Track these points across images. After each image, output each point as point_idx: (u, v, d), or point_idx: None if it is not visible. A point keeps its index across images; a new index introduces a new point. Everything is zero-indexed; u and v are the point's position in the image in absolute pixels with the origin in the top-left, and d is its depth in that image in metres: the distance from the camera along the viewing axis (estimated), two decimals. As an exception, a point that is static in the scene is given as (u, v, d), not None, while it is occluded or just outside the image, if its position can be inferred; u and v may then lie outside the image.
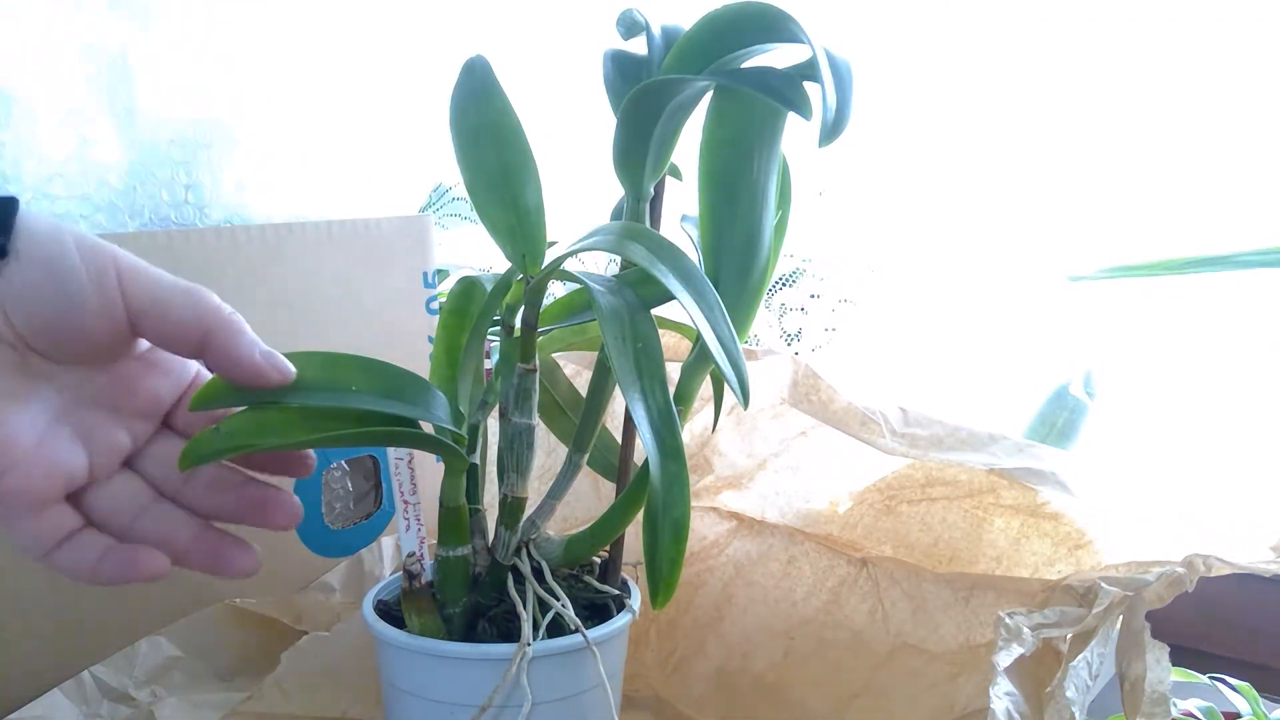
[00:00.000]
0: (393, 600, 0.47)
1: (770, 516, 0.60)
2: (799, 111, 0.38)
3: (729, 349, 0.37)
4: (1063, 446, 0.66)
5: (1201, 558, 0.45)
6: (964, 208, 0.80)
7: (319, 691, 0.55)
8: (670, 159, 0.45)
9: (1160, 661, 0.43)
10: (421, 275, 0.67)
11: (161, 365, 0.38)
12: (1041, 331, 0.77)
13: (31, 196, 0.58)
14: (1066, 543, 0.52)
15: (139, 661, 0.55)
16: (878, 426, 0.51)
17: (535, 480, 0.45)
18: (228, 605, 0.58)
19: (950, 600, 0.54)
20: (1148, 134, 0.72)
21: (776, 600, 0.59)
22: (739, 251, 0.43)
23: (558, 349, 0.53)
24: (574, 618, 0.43)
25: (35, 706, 0.52)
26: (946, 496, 0.55)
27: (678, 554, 0.37)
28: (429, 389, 0.42)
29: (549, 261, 0.41)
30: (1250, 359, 0.69)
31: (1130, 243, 0.73)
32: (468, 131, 0.42)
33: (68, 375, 0.36)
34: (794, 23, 0.38)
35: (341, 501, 0.69)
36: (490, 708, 0.41)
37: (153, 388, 0.38)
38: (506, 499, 0.45)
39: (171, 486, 0.38)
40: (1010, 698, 0.42)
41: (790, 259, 0.84)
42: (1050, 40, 0.74)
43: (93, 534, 0.36)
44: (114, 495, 0.37)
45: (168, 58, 0.64)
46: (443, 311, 0.49)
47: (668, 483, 0.36)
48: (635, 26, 0.44)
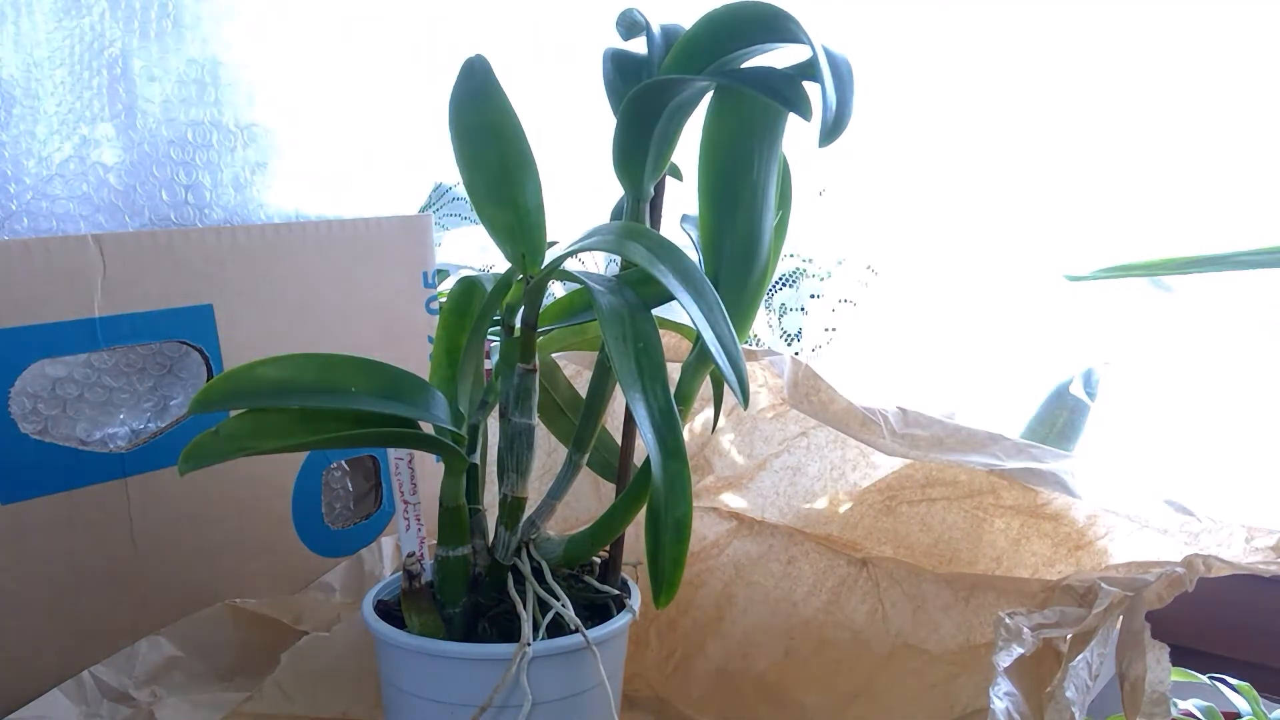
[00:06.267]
0: (393, 600, 0.47)
1: (770, 517, 0.60)
2: (799, 112, 0.38)
3: (729, 349, 0.37)
4: (1063, 446, 0.66)
5: (1201, 558, 0.45)
6: (964, 208, 0.80)
7: (319, 691, 0.55)
8: (670, 159, 0.45)
9: (1160, 661, 0.43)
10: (421, 275, 0.67)
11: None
12: (1041, 331, 0.77)
13: (31, 197, 0.58)
14: (1066, 543, 0.52)
15: (139, 661, 0.55)
16: (878, 427, 0.51)
17: (535, 480, 0.45)
18: (228, 605, 0.58)
19: (950, 600, 0.54)
20: (1147, 133, 0.72)
21: (777, 600, 0.59)
22: (739, 251, 0.43)
23: (558, 349, 0.53)
24: (574, 618, 0.43)
25: (35, 706, 0.52)
26: (946, 497, 0.55)
27: (680, 554, 0.37)
28: (428, 389, 0.42)
29: (549, 261, 0.41)
30: (1250, 359, 0.69)
31: (1130, 243, 0.73)
32: (468, 131, 0.42)
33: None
34: (794, 22, 0.38)
35: (341, 501, 0.69)
36: (490, 708, 0.41)
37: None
38: (506, 499, 0.45)
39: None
40: (1010, 698, 0.42)
41: (790, 259, 0.84)
42: (1050, 40, 0.74)
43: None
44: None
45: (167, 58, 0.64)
46: (443, 311, 0.49)
47: (669, 482, 0.36)
48: (635, 26, 0.44)
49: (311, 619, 0.59)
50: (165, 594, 0.58)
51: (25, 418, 0.56)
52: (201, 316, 0.58)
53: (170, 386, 0.62)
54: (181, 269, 0.57)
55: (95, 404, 0.59)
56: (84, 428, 0.58)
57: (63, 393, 0.58)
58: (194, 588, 0.58)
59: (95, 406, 0.59)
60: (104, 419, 0.59)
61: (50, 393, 0.57)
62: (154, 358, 0.61)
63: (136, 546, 0.56)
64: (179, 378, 0.62)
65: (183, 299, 0.57)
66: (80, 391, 0.58)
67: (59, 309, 0.53)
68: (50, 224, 0.59)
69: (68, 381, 0.58)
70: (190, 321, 0.57)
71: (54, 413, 0.57)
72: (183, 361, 0.62)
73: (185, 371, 0.62)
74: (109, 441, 0.59)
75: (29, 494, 0.53)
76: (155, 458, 0.57)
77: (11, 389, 0.52)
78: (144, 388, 0.61)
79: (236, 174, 0.68)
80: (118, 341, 0.55)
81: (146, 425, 0.61)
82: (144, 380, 0.61)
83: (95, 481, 0.55)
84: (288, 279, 0.61)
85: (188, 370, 0.62)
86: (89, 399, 0.59)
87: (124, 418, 0.60)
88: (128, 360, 0.60)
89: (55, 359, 0.56)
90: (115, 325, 0.55)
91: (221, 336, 0.58)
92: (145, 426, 0.61)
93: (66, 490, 0.54)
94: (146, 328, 0.56)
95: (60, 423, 0.58)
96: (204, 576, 0.59)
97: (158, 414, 0.62)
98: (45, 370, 0.57)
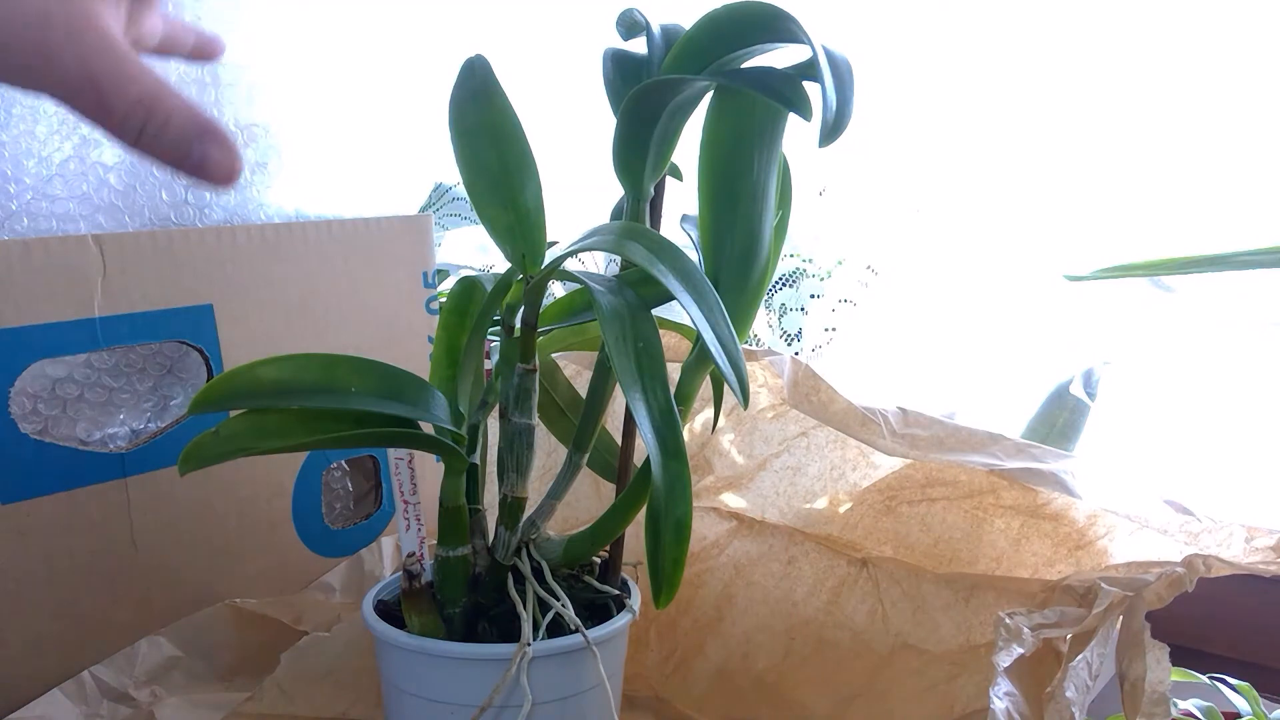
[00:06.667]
0: (393, 600, 0.47)
1: (770, 517, 0.60)
2: (799, 112, 0.38)
3: (729, 349, 0.37)
4: (1063, 446, 0.66)
5: (1201, 558, 0.45)
6: (964, 208, 0.80)
7: (319, 691, 0.55)
8: (670, 159, 0.45)
9: (1160, 661, 0.43)
10: (421, 275, 0.67)
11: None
12: (1041, 331, 0.77)
13: (31, 197, 0.58)
14: (1066, 543, 0.52)
15: (139, 661, 0.55)
16: (878, 427, 0.51)
17: (535, 480, 0.45)
18: (228, 605, 0.58)
19: (950, 600, 0.54)
20: (1147, 133, 0.72)
21: (777, 600, 0.59)
22: (739, 251, 0.43)
23: (558, 349, 0.53)
24: (574, 618, 0.43)
25: (35, 706, 0.52)
26: (946, 497, 0.55)
27: (680, 553, 0.37)
28: (428, 389, 0.42)
29: (549, 261, 0.41)
30: (1250, 359, 0.69)
31: (1130, 243, 0.73)
32: (468, 131, 0.42)
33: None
34: (794, 22, 0.38)
35: (341, 501, 0.69)
36: (490, 708, 0.41)
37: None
38: (506, 499, 0.45)
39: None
40: (1010, 698, 0.42)
41: (790, 259, 0.84)
42: (1050, 40, 0.74)
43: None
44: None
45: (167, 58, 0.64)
46: (443, 311, 0.49)
47: (670, 482, 0.36)
48: (635, 26, 0.44)
49: (311, 619, 0.59)
50: (165, 594, 0.58)
51: (25, 418, 0.56)
52: (201, 316, 0.58)
53: (170, 386, 0.62)
54: (181, 269, 0.57)
55: (95, 404, 0.59)
56: (84, 428, 0.58)
57: (63, 393, 0.58)
58: (194, 588, 0.58)
59: (95, 406, 0.59)
60: (104, 419, 0.59)
61: (50, 393, 0.57)
62: (154, 358, 0.61)
63: (136, 546, 0.56)
64: (179, 378, 0.62)
65: (183, 299, 0.57)
66: (80, 391, 0.58)
67: (59, 309, 0.53)
68: (50, 224, 0.59)
69: (68, 381, 0.58)
70: (190, 321, 0.57)
71: (54, 413, 0.57)
72: (183, 361, 0.62)
73: (185, 371, 0.62)
74: (109, 441, 0.59)
75: (29, 494, 0.53)
76: (155, 458, 0.57)
77: (11, 389, 0.52)
78: (144, 388, 0.61)
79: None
80: (118, 341, 0.55)
81: (146, 425, 0.61)
82: (144, 380, 0.61)
83: (95, 481, 0.55)
84: (288, 279, 0.61)
85: (188, 370, 0.62)
86: (89, 399, 0.59)
87: (124, 418, 0.60)
88: (128, 360, 0.60)
89: (55, 359, 0.56)
90: (115, 325, 0.55)
91: (221, 336, 0.58)
92: (145, 426, 0.61)
93: (66, 490, 0.54)
94: (146, 328, 0.56)
95: (60, 423, 0.57)
96: (204, 576, 0.59)
97: (158, 414, 0.62)
98: (45, 370, 0.57)
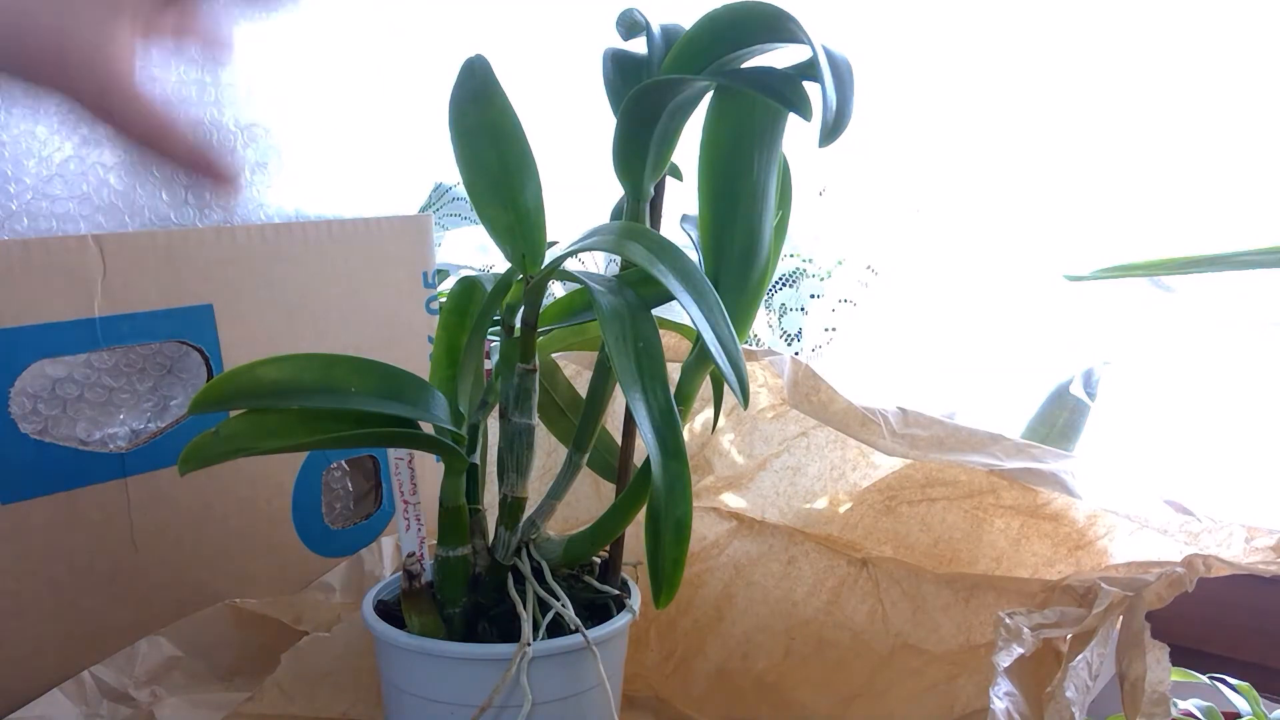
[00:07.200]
0: (393, 600, 0.47)
1: (770, 516, 0.60)
2: (799, 112, 0.38)
3: (729, 349, 0.37)
4: (1063, 446, 0.66)
5: (1201, 558, 0.45)
6: (964, 208, 0.80)
7: (319, 692, 0.55)
8: (670, 159, 0.45)
9: (1160, 661, 0.43)
10: (421, 275, 0.67)
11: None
12: (1041, 331, 0.77)
13: (31, 197, 0.58)
14: (1066, 543, 0.52)
15: (139, 661, 0.55)
16: (878, 427, 0.51)
17: (535, 480, 0.45)
18: (228, 605, 0.58)
19: (950, 600, 0.54)
20: (1147, 134, 0.72)
21: (777, 600, 0.59)
22: (739, 251, 0.43)
23: (558, 349, 0.53)
24: (574, 618, 0.43)
25: (35, 706, 0.52)
26: (946, 497, 0.55)
27: (680, 553, 0.37)
28: (428, 389, 0.42)
29: (549, 261, 0.41)
30: (1250, 359, 0.69)
31: (1130, 243, 0.73)
32: (468, 131, 0.42)
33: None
34: (794, 22, 0.38)
35: (341, 501, 0.69)
36: (490, 708, 0.41)
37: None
38: (506, 499, 0.45)
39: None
40: (1010, 698, 0.42)
41: (790, 259, 0.84)
42: (1050, 40, 0.74)
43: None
44: None
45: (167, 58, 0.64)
46: (443, 311, 0.49)
47: (670, 482, 0.36)
48: (635, 26, 0.44)
49: (311, 619, 0.59)
50: (165, 594, 0.57)
51: (25, 418, 0.56)
52: (201, 316, 0.58)
53: (170, 386, 0.62)
54: (181, 269, 0.57)
55: (95, 404, 0.59)
56: (84, 428, 0.58)
57: (63, 393, 0.58)
58: (194, 588, 0.58)
59: (95, 406, 0.59)
60: (104, 419, 0.59)
61: (50, 393, 0.57)
62: (154, 358, 0.61)
63: (136, 546, 0.56)
64: (179, 378, 0.62)
65: (183, 299, 0.57)
66: (80, 391, 0.58)
67: (59, 309, 0.53)
68: (50, 224, 0.59)
69: (68, 381, 0.58)
70: (190, 321, 0.57)
71: (54, 413, 0.57)
72: (183, 361, 0.62)
73: (185, 371, 0.62)
74: (109, 441, 0.59)
75: (29, 494, 0.53)
76: (155, 458, 0.57)
77: (11, 389, 0.52)
78: (144, 388, 0.61)
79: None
80: (118, 341, 0.55)
81: (146, 425, 0.61)
82: (144, 380, 0.61)
83: (95, 481, 0.55)
84: (288, 279, 0.61)
85: (188, 370, 0.62)
86: (89, 399, 0.59)
87: (124, 418, 0.60)
88: (128, 360, 0.60)
89: (55, 359, 0.56)
90: (115, 325, 0.55)
91: (221, 336, 0.58)
92: (145, 426, 0.61)
93: (66, 490, 0.54)
94: (146, 328, 0.56)
95: (60, 423, 0.58)
96: (204, 576, 0.59)
97: (158, 414, 0.62)
98: (45, 370, 0.57)
